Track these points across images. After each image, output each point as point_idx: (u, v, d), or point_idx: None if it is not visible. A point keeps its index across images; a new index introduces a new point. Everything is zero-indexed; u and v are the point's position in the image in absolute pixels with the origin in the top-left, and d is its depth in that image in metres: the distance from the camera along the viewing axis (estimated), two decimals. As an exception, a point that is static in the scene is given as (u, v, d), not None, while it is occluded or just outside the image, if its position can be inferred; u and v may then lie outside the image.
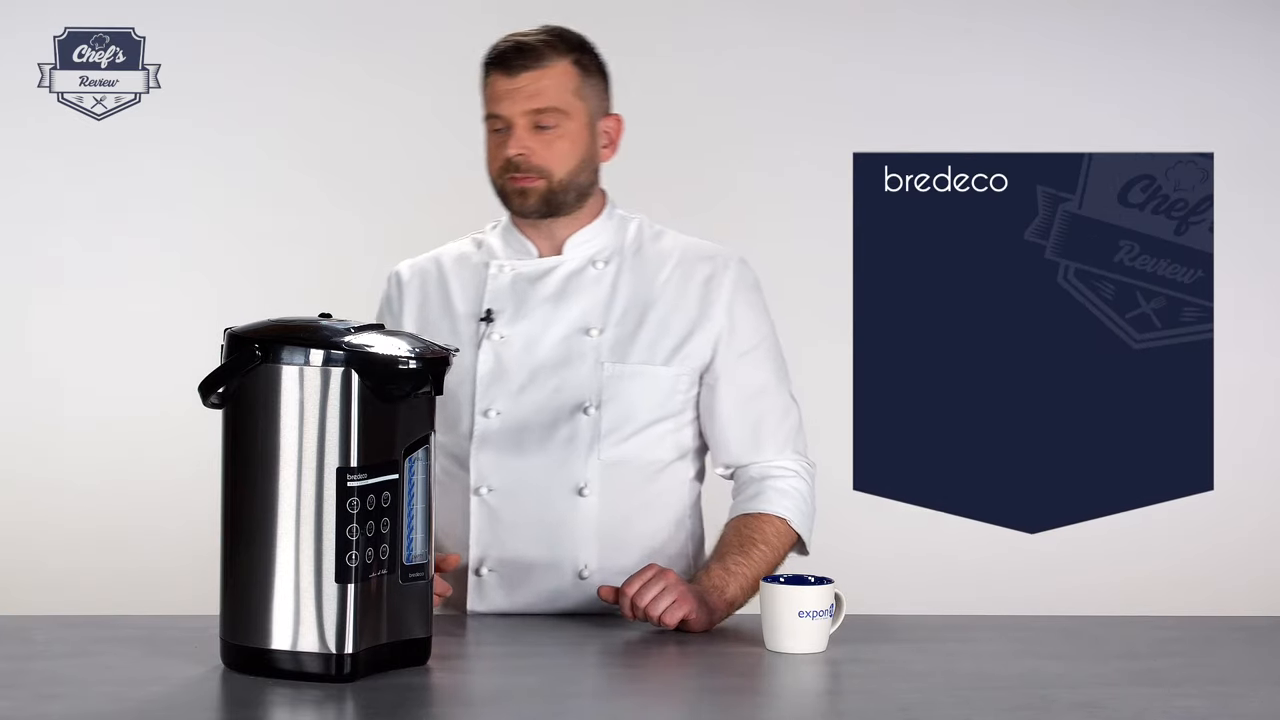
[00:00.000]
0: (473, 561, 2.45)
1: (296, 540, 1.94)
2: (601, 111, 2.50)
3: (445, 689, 1.97)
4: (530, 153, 2.42)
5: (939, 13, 3.90)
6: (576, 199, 2.47)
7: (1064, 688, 1.99)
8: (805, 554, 2.48)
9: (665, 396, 2.46)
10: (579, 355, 2.45)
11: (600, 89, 2.50)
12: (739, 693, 2.02)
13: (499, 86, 2.44)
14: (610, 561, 2.43)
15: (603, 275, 2.49)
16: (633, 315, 2.47)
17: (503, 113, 2.43)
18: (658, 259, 2.51)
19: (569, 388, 2.44)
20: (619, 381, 2.44)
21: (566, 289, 2.48)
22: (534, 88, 2.42)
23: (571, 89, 2.44)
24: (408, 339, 2.02)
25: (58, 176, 3.82)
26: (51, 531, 3.79)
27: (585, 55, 2.48)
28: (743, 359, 2.48)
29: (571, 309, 2.47)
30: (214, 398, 1.98)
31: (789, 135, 3.87)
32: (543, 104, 2.42)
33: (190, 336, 3.66)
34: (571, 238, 2.50)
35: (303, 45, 3.85)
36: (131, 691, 1.92)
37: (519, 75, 2.42)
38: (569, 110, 2.43)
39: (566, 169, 2.44)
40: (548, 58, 2.43)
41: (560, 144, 2.43)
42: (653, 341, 2.46)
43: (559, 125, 2.43)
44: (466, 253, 2.57)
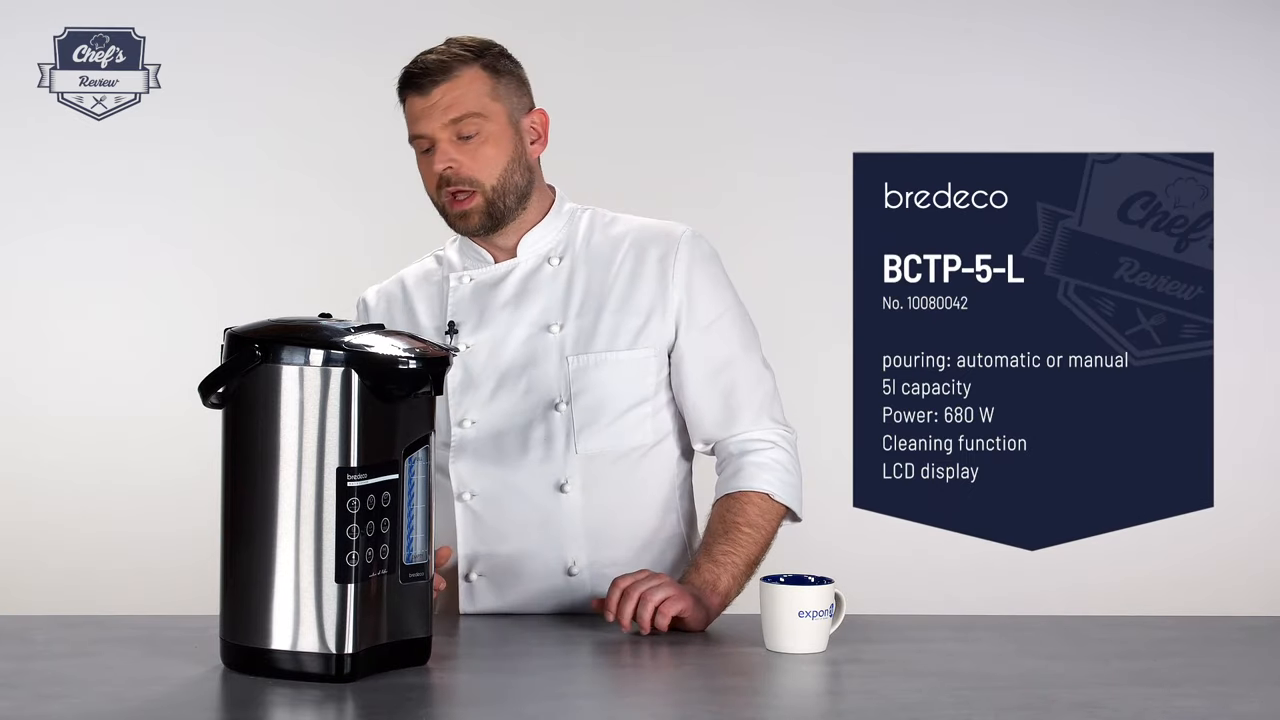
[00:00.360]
0: (462, 567, 2.45)
1: (296, 540, 1.94)
2: (523, 109, 2.49)
3: (445, 689, 1.97)
4: (459, 165, 2.42)
5: (939, 13, 3.90)
6: (517, 202, 2.47)
7: (1064, 688, 1.99)
8: (798, 520, 2.47)
9: (635, 381, 2.45)
10: (543, 353, 2.45)
11: (515, 87, 2.48)
12: (739, 693, 2.02)
13: (415, 107, 2.44)
14: (599, 555, 2.43)
15: (558, 271, 2.49)
16: (591, 306, 2.47)
17: (424, 131, 2.43)
18: (610, 246, 2.51)
19: (538, 387, 2.44)
20: (586, 373, 2.44)
21: (524, 290, 2.49)
22: (448, 99, 2.42)
23: (485, 92, 2.44)
24: (407, 339, 2.02)
25: (58, 176, 3.82)
26: (51, 531, 3.80)
27: (492, 58, 2.47)
28: (706, 332, 2.47)
29: (531, 309, 2.48)
30: (214, 398, 1.98)
31: (789, 135, 3.87)
32: (459, 112, 2.42)
33: (190, 336, 3.67)
34: (524, 239, 2.50)
35: (303, 45, 3.85)
36: (131, 691, 1.92)
37: (431, 91, 2.42)
38: (486, 113, 2.43)
39: (496, 174, 2.43)
40: (455, 68, 2.43)
41: (485, 149, 2.43)
42: (614, 328, 2.46)
43: (480, 130, 2.42)
44: (429, 270, 2.58)
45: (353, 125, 3.85)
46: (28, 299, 3.82)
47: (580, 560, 2.43)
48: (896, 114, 3.87)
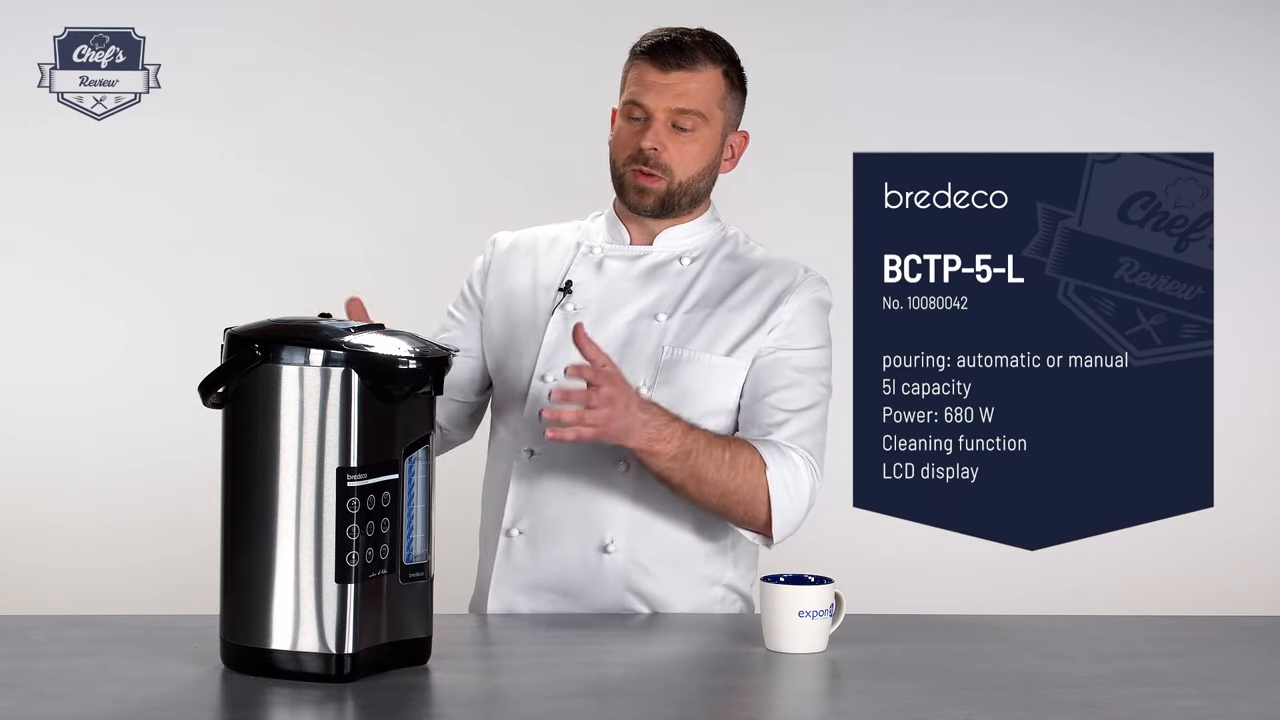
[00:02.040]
0: (506, 521, 2.47)
1: (296, 540, 1.94)
2: (734, 125, 2.54)
3: (445, 689, 1.97)
4: (663, 149, 2.45)
5: (939, 13, 3.90)
6: (690, 203, 2.51)
7: (1064, 688, 1.99)
8: (769, 542, 2.42)
9: (722, 389, 2.46)
10: (644, 338, 2.47)
11: (739, 103, 2.54)
12: (739, 693, 2.02)
13: (648, 78, 2.46)
14: (637, 540, 2.43)
15: (685, 271, 2.52)
16: (703, 308, 2.49)
17: (647, 103, 2.45)
18: (742, 265, 2.54)
19: (627, 367, 2.43)
20: (676, 366, 2.45)
21: (648, 277, 2.51)
22: (683, 87, 2.45)
23: (717, 97, 2.48)
24: (408, 339, 2.02)
25: (58, 176, 3.82)
26: (51, 531, 3.80)
27: (733, 68, 2.51)
28: (787, 356, 2.47)
29: (647, 296, 2.50)
30: (214, 398, 1.98)
31: (789, 135, 3.87)
32: (688, 105, 2.45)
33: (190, 336, 3.67)
34: (666, 231, 2.53)
35: (303, 45, 3.85)
36: (131, 691, 1.92)
37: (671, 72, 2.45)
38: (710, 117, 2.47)
39: (691, 173, 2.47)
40: (701, 61, 2.46)
41: (692, 147, 2.46)
42: (716, 333, 2.47)
43: (696, 129, 2.46)
44: (564, 234, 2.60)
45: (353, 125, 3.85)
46: (27, 298, 3.82)
47: (618, 541, 2.43)
48: (896, 114, 3.87)
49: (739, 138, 2.55)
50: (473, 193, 3.81)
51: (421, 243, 3.81)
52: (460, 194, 3.83)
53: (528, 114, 3.92)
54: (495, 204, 3.75)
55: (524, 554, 2.46)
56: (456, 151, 3.86)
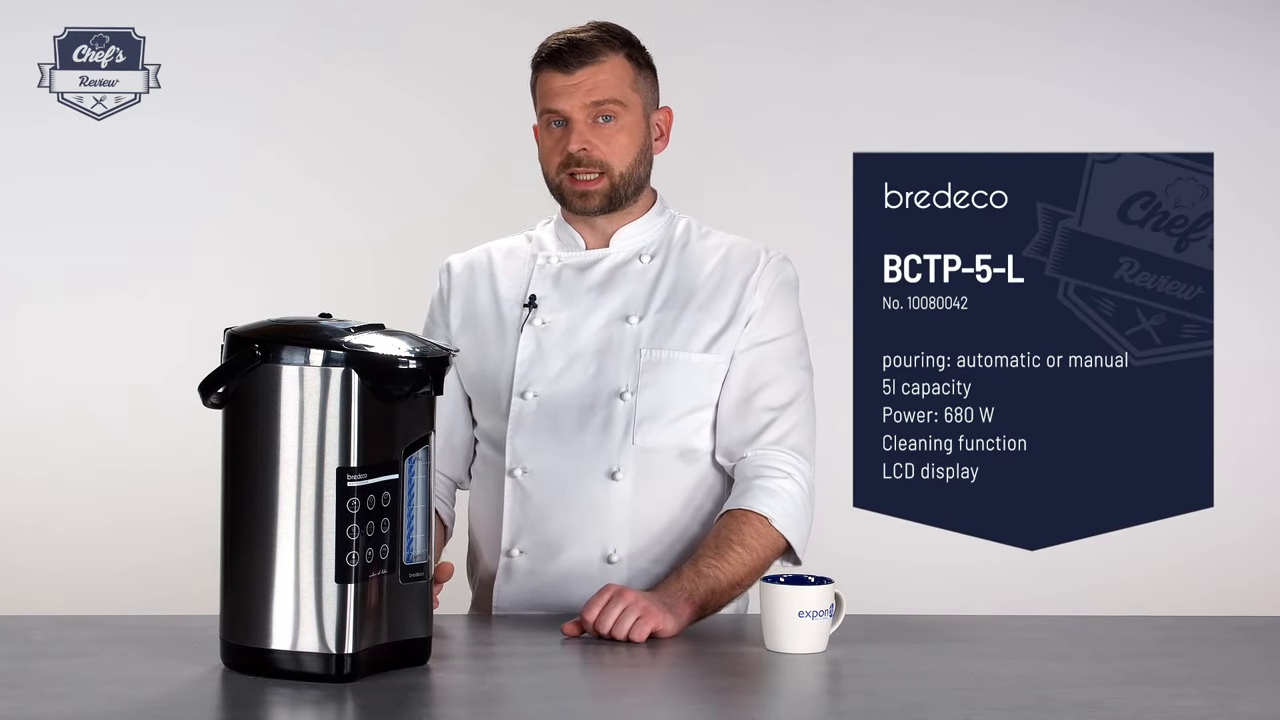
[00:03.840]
0: (505, 543, 2.46)
1: (296, 540, 1.94)
2: (653, 104, 2.54)
3: (445, 689, 1.97)
4: (592, 147, 2.45)
5: (939, 13, 3.90)
6: (634, 192, 2.50)
7: (1064, 688, 1.99)
8: (798, 562, 2.44)
9: (703, 385, 2.46)
10: (618, 342, 2.47)
11: (651, 81, 2.53)
12: (739, 693, 2.02)
13: (555, 83, 2.46)
14: (639, 547, 2.44)
15: (648, 268, 2.52)
16: (674, 305, 2.49)
17: (561, 108, 2.45)
18: (703, 255, 2.53)
19: (607, 373, 2.44)
20: (656, 368, 2.45)
21: (611, 280, 2.51)
22: (591, 82, 2.45)
23: (628, 81, 2.48)
24: (408, 339, 2.02)
25: (58, 176, 3.82)
26: (51, 531, 3.80)
27: (635, 49, 2.51)
28: (761, 348, 2.48)
29: (614, 298, 2.49)
30: (214, 398, 1.98)
31: (789, 135, 3.87)
32: (602, 96, 2.45)
33: (190, 336, 3.67)
34: (620, 231, 2.53)
35: (303, 45, 3.85)
36: (131, 691, 1.92)
37: (576, 71, 2.45)
38: (627, 102, 2.47)
39: (626, 162, 2.47)
40: (601, 53, 2.46)
41: (620, 137, 2.46)
42: (692, 330, 2.47)
43: (618, 118, 2.46)
44: (517, 246, 2.60)
45: (353, 125, 3.85)
46: (27, 298, 3.82)
47: (621, 550, 2.43)
48: (896, 114, 3.87)
49: (663, 114, 2.54)
50: (473, 193, 3.81)
51: (422, 242, 3.80)
52: (460, 194, 3.83)
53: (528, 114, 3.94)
54: (495, 204, 3.74)
55: (526, 573, 2.46)
56: (457, 151, 3.86)
